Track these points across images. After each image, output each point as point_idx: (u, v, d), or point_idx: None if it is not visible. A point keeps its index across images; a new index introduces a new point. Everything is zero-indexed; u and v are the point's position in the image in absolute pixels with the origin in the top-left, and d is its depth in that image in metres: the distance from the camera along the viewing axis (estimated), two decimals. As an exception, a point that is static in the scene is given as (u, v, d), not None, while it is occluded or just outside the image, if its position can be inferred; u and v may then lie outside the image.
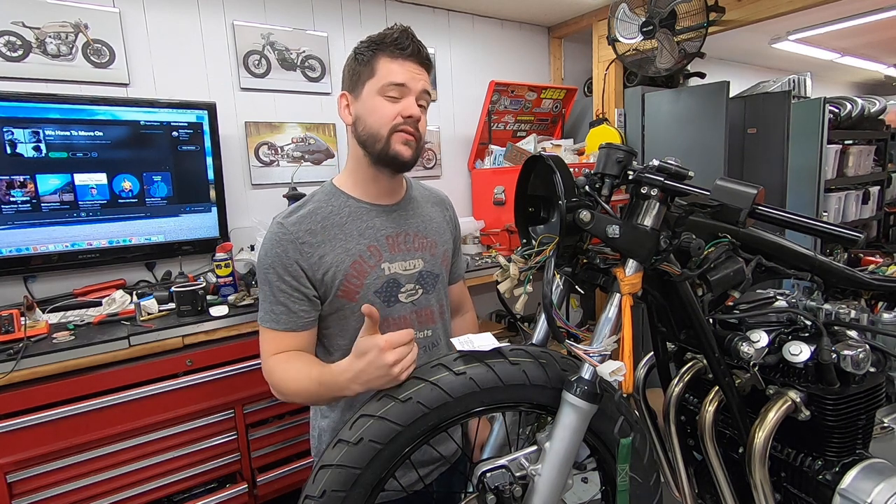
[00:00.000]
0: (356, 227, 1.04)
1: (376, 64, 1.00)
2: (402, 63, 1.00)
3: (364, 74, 1.01)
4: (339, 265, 1.00)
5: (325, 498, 0.71)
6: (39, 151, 1.76)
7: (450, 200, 1.26)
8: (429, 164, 2.88)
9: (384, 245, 1.06)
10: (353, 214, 1.05)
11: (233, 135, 2.25)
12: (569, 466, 0.78)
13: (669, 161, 0.77)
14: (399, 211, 1.11)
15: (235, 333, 1.70)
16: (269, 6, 2.32)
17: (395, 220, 1.09)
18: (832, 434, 0.79)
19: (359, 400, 1.03)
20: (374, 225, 1.06)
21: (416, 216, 1.13)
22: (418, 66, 1.02)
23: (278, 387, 0.98)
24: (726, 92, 2.55)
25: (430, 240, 1.13)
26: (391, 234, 1.07)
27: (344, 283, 1.01)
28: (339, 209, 1.04)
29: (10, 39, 1.80)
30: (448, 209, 1.24)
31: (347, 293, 1.01)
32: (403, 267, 1.07)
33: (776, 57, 4.49)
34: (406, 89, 1.00)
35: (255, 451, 1.75)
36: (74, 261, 1.87)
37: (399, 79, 0.99)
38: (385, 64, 0.99)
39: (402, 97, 1.00)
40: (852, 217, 3.47)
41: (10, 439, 1.38)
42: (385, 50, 1.00)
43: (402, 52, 0.99)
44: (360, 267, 1.02)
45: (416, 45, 1.01)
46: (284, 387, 0.96)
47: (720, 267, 0.82)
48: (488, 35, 3.05)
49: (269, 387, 1.00)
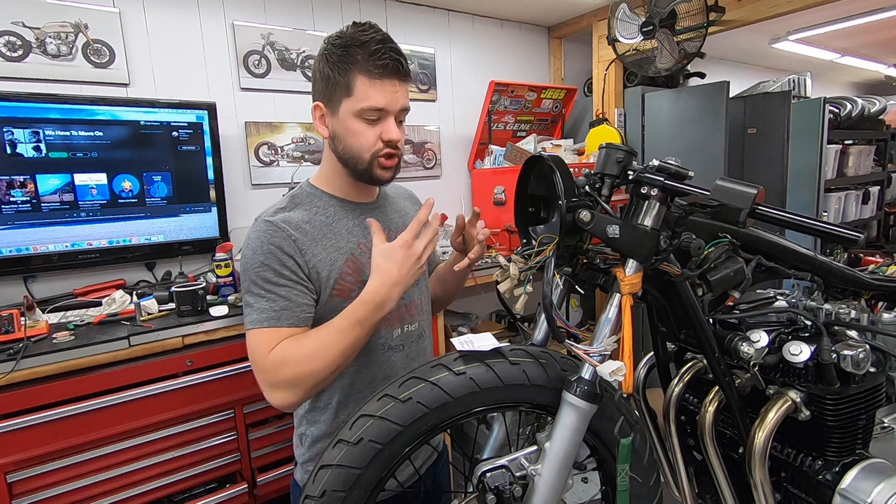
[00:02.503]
0: (343, 225, 1.04)
1: (353, 82, 0.94)
2: (380, 85, 0.94)
3: (339, 91, 0.95)
4: (333, 263, 1.00)
5: (325, 498, 0.71)
6: (39, 151, 1.76)
7: (416, 194, 1.29)
8: (429, 164, 2.88)
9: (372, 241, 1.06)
10: (339, 213, 1.05)
11: (233, 135, 2.25)
12: (569, 466, 0.78)
13: (669, 161, 0.77)
14: (379, 208, 1.12)
15: (235, 333, 1.69)
16: (269, 6, 2.32)
17: (377, 216, 1.09)
18: (832, 434, 0.79)
19: (350, 401, 1.04)
20: (360, 222, 1.06)
21: (394, 212, 1.15)
22: (399, 83, 0.97)
23: (299, 368, 0.88)
24: (726, 92, 2.55)
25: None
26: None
27: (339, 282, 1.00)
28: (324, 209, 1.04)
29: (10, 39, 1.80)
30: (417, 203, 1.26)
31: (342, 291, 1.01)
32: None
33: (776, 57, 4.49)
34: (385, 112, 0.97)
35: (255, 451, 1.75)
36: (74, 261, 1.87)
37: (378, 104, 0.94)
38: (363, 84, 0.93)
39: (381, 119, 0.97)
40: (852, 217, 3.47)
41: (10, 439, 1.38)
42: (362, 67, 0.93)
43: (382, 71, 0.93)
44: (353, 265, 1.02)
45: (395, 61, 0.94)
46: (308, 361, 0.88)
47: (720, 267, 0.82)
48: (488, 35, 3.05)
49: (276, 393, 0.90)
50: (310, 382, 0.90)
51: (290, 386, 0.90)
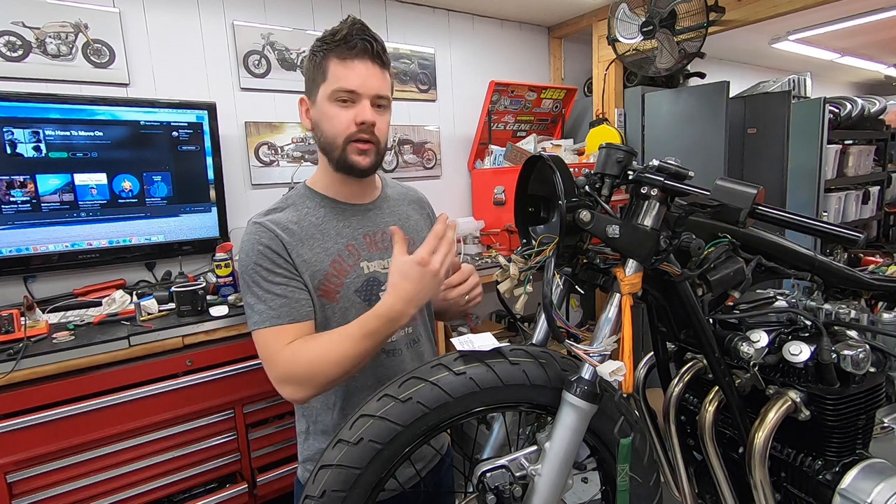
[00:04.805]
0: (333, 226, 1.04)
1: (327, 66, 0.96)
2: (351, 65, 0.95)
3: (318, 78, 0.98)
4: (318, 264, 1.00)
5: (325, 498, 0.71)
6: (39, 151, 1.76)
7: (427, 200, 1.26)
8: (429, 164, 2.88)
9: (362, 244, 1.06)
10: (329, 214, 1.05)
11: (233, 135, 2.25)
12: (569, 466, 0.78)
13: (669, 161, 0.77)
14: (374, 210, 1.11)
15: (235, 333, 1.70)
16: (269, 6, 2.32)
17: (371, 219, 1.09)
18: (832, 434, 0.79)
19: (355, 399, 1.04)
20: (350, 224, 1.06)
21: (391, 215, 1.13)
22: (371, 64, 0.97)
23: (310, 368, 0.90)
24: (726, 92, 2.55)
25: (407, 238, 1.13)
26: (368, 232, 1.07)
27: (324, 283, 1.00)
28: (315, 209, 1.04)
29: (10, 39, 1.80)
30: (426, 208, 1.24)
31: (327, 293, 1.01)
32: (382, 265, 1.07)
33: (776, 57, 4.49)
34: (357, 94, 0.96)
35: (255, 451, 1.75)
36: (74, 261, 1.87)
37: (349, 84, 0.95)
38: (335, 66, 0.95)
39: (355, 102, 0.97)
40: (852, 217, 3.47)
41: (10, 439, 1.38)
42: (334, 50, 0.95)
43: (350, 51, 0.94)
44: (339, 266, 1.02)
45: (365, 41, 0.95)
46: (319, 363, 0.90)
47: (720, 267, 0.82)
48: (488, 35, 3.05)
49: (285, 387, 0.92)
50: (319, 380, 0.91)
51: (300, 382, 0.91)
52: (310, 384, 0.91)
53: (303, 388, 0.92)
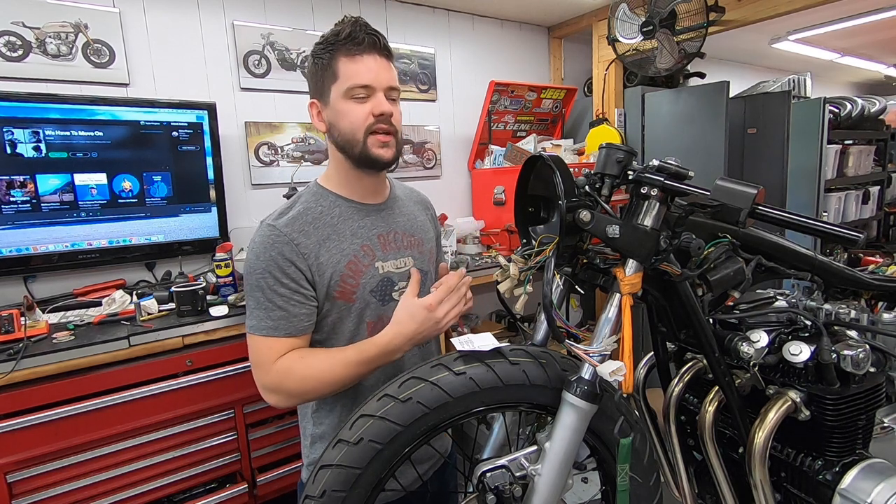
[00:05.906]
0: (348, 226, 1.04)
1: (336, 65, 0.98)
2: (361, 60, 0.97)
3: (327, 79, 0.99)
4: (335, 266, 1.00)
5: (325, 498, 0.71)
6: (39, 151, 1.76)
7: (430, 201, 1.28)
8: (429, 164, 2.88)
9: (376, 244, 1.06)
10: (344, 214, 1.05)
11: (233, 135, 2.25)
12: (569, 466, 0.78)
13: (669, 161, 0.77)
14: (386, 210, 1.11)
15: (235, 333, 1.69)
16: (269, 6, 2.32)
17: (384, 218, 1.09)
18: (832, 434, 0.79)
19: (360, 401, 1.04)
20: (365, 224, 1.06)
21: (402, 215, 1.14)
22: (379, 57, 0.99)
23: (302, 385, 0.94)
24: (726, 92, 2.55)
25: (417, 238, 1.13)
26: (382, 232, 1.07)
27: (340, 284, 1.00)
28: (330, 209, 1.04)
29: (10, 39, 1.80)
30: (429, 209, 1.26)
31: (344, 294, 1.01)
32: (396, 265, 1.07)
33: (776, 57, 4.49)
34: (371, 88, 0.98)
35: (255, 451, 1.75)
36: (74, 261, 1.87)
37: (363, 79, 0.97)
38: (345, 65, 0.97)
39: (370, 96, 0.99)
40: (852, 217, 3.47)
41: (10, 439, 1.38)
42: (341, 49, 0.97)
43: (357, 47, 0.96)
44: (355, 267, 1.02)
45: (371, 36, 0.98)
46: (312, 381, 0.93)
47: (720, 267, 0.82)
48: (488, 35, 3.05)
49: (272, 395, 0.96)
50: (309, 396, 0.98)
51: (290, 395, 0.96)
52: (298, 398, 0.98)
53: (291, 400, 0.97)
